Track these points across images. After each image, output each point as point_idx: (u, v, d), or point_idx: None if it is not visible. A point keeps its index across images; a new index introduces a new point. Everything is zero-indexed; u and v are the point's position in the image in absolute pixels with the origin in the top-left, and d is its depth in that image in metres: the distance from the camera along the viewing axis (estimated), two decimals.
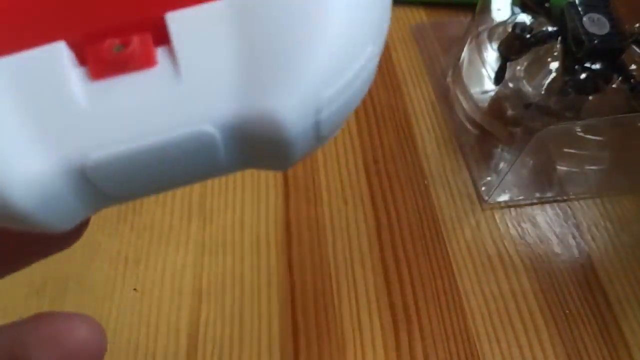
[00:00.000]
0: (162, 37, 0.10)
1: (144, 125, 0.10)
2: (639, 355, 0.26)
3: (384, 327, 0.27)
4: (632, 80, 0.30)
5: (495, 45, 0.35)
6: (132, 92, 0.10)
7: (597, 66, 0.30)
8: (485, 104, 0.35)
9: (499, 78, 0.34)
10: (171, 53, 0.10)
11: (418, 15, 0.43)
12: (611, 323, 0.27)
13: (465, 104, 0.36)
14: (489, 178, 0.33)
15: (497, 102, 0.35)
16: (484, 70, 0.35)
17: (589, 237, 0.31)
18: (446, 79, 0.38)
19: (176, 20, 0.10)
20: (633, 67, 0.31)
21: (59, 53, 0.10)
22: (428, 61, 0.40)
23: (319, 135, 0.11)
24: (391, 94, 0.37)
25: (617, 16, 0.30)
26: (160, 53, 0.10)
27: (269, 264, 0.29)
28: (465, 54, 0.37)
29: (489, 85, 0.35)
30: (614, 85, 0.31)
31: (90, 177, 0.10)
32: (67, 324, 0.14)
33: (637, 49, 0.31)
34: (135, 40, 0.10)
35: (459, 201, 0.32)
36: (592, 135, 0.33)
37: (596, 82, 0.29)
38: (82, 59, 0.10)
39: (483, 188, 0.32)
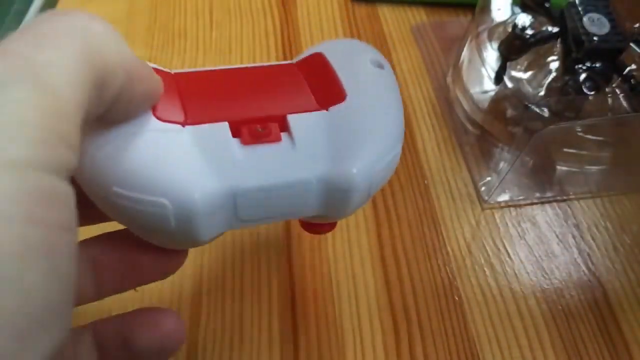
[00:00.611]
0: (284, 127, 0.19)
1: (273, 173, 0.18)
2: (639, 355, 0.26)
3: (384, 327, 0.27)
4: (632, 80, 0.30)
5: (495, 45, 0.35)
6: (267, 154, 0.18)
7: (597, 66, 0.30)
8: (485, 104, 0.35)
9: (499, 78, 0.34)
10: (290, 136, 0.19)
11: (418, 15, 0.43)
12: (611, 323, 0.27)
13: (465, 104, 0.36)
14: (489, 178, 0.33)
15: (497, 102, 0.35)
16: (484, 70, 0.35)
17: (589, 237, 0.31)
18: (446, 79, 0.38)
19: (293, 119, 0.19)
20: (633, 67, 0.31)
21: (225, 128, 0.18)
22: (428, 61, 0.40)
23: (369, 193, 0.19)
24: None
25: (617, 16, 0.30)
26: (283, 135, 0.19)
27: (269, 263, 0.29)
28: (465, 54, 0.37)
29: (489, 85, 0.35)
30: (613, 85, 0.31)
31: (238, 201, 0.18)
32: (162, 314, 0.19)
33: (637, 49, 0.31)
34: (271, 126, 0.19)
35: (459, 201, 0.32)
36: (592, 135, 0.33)
37: (596, 82, 0.29)
38: (237, 133, 0.18)
39: (483, 188, 0.32)
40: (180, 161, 0.17)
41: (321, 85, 0.20)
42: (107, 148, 0.16)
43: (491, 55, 0.35)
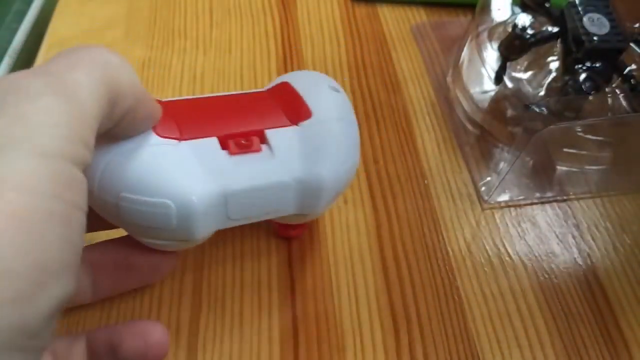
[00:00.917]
0: (263, 140, 0.23)
1: (256, 176, 0.22)
2: (639, 355, 0.26)
3: (384, 327, 0.27)
4: (632, 80, 0.30)
5: (495, 45, 0.35)
6: (250, 161, 0.22)
7: (597, 66, 0.30)
8: (485, 104, 0.35)
9: (499, 78, 0.34)
10: (269, 146, 0.23)
11: (418, 15, 0.43)
12: (611, 323, 0.27)
13: (465, 104, 0.36)
14: (489, 178, 0.33)
15: (497, 102, 0.35)
16: (484, 70, 0.35)
17: (589, 237, 0.31)
18: (446, 79, 0.38)
19: (270, 133, 0.23)
20: (633, 67, 0.31)
21: (215, 142, 0.22)
22: (428, 61, 0.40)
23: (336, 193, 0.24)
24: (391, 94, 0.37)
25: (617, 16, 0.30)
26: (263, 147, 0.23)
27: (269, 263, 0.29)
28: (465, 54, 0.37)
29: (489, 85, 0.35)
30: (613, 85, 0.31)
31: (228, 201, 0.21)
32: (149, 326, 0.21)
33: (637, 49, 0.31)
34: (252, 139, 0.22)
35: (459, 201, 0.32)
36: (592, 135, 0.33)
37: (596, 82, 0.29)
38: (224, 146, 0.22)
39: (483, 188, 0.32)
40: (178, 168, 0.20)
41: (290, 106, 0.24)
42: (115, 160, 0.20)
43: (491, 55, 0.35)
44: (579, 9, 0.30)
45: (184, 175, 0.20)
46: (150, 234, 0.21)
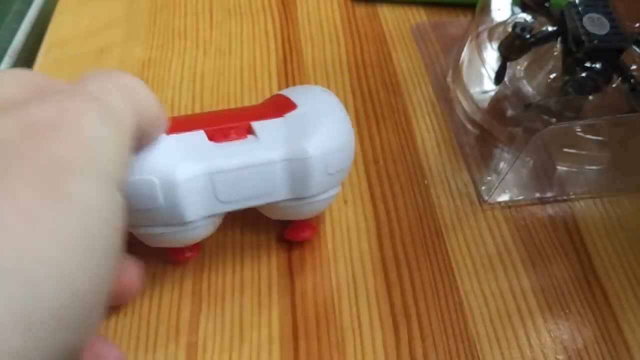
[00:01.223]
0: (249, 130, 0.24)
1: (240, 156, 0.23)
2: (639, 355, 0.26)
3: (384, 327, 0.27)
4: (632, 80, 0.30)
5: (495, 45, 0.35)
6: (237, 145, 0.23)
7: (597, 66, 0.30)
8: (485, 104, 0.35)
9: (499, 78, 0.34)
10: (254, 134, 0.23)
11: (418, 15, 0.43)
12: (611, 323, 0.27)
13: (465, 104, 0.36)
14: (489, 178, 0.33)
15: (497, 102, 0.35)
16: (484, 70, 0.35)
17: (589, 237, 0.31)
18: (446, 79, 0.38)
19: (256, 124, 0.24)
20: (633, 67, 0.31)
21: (202, 134, 0.23)
22: (428, 61, 0.40)
23: (327, 171, 0.24)
24: (391, 94, 0.37)
25: (617, 16, 0.30)
26: (249, 136, 0.24)
27: (269, 263, 0.29)
28: (465, 54, 0.37)
29: (489, 85, 0.35)
30: (614, 85, 0.31)
31: (215, 182, 0.22)
32: (105, 348, 0.22)
33: (637, 49, 0.31)
34: (238, 129, 0.23)
35: (459, 201, 0.32)
36: (592, 135, 0.33)
37: (596, 82, 0.29)
38: (211, 138, 0.23)
39: (483, 188, 0.32)
40: (164, 152, 0.21)
41: (277, 105, 0.25)
42: None
43: (491, 55, 0.35)
44: (579, 9, 0.30)
45: (169, 156, 0.21)
46: (142, 219, 0.22)
